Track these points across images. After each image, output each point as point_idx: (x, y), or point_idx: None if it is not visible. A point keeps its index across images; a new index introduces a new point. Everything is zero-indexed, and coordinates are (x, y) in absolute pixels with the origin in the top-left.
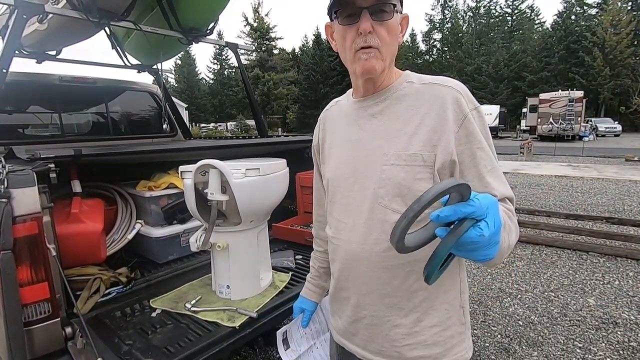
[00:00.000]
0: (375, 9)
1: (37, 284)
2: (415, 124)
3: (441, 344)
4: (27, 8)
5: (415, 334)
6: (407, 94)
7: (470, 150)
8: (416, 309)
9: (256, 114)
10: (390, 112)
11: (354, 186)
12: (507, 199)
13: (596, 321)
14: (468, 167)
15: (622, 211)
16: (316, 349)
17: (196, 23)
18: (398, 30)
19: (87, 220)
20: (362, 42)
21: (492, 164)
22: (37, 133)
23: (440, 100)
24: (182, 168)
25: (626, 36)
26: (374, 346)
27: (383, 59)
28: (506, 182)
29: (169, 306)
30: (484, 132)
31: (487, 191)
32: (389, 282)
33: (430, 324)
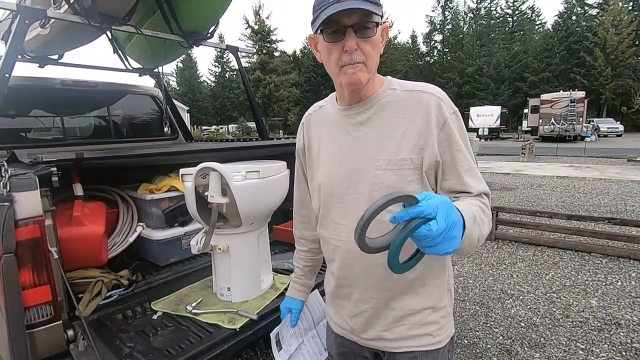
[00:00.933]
0: (359, 27)
1: (39, 287)
2: (402, 130)
3: (434, 324)
4: (29, 13)
5: (410, 316)
6: (391, 101)
7: (450, 152)
8: (412, 294)
9: (256, 117)
10: (377, 119)
11: (349, 190)
12: (483, 194)
13: (598, 322)
14: (448, 167)
15: (624, 212)
16: (304, 346)
17: (197, 27)
18: (380, 43)
19: (89, 223)
20: (348, 59)
21: (469, 163)
22: (39, 137)
23: (424, 106)
24: (182, 171)
25: (627, 36)
26: (372, 333)
27: (368, 71)
28: (482, 179)
29: (170, 308)
30: (461, 135)
31: (464, 189)
32: (387, 277)
33: (424, 306)
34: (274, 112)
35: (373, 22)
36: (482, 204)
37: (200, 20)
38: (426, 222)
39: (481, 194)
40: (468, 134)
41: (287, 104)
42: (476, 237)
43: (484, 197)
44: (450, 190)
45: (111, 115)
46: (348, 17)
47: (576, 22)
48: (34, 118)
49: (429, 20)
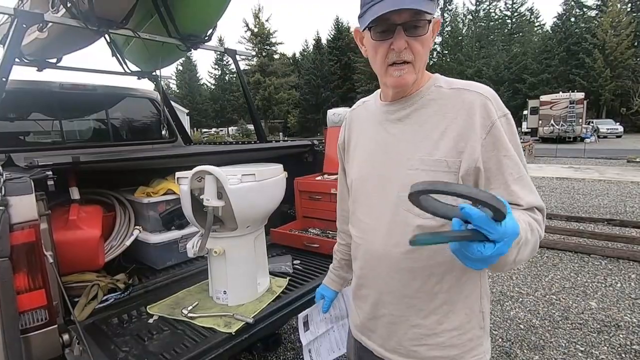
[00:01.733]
0: (409, 25)
1: (35, 291)
2: (442, 129)
3: (459, 347)
4: (26, 17)
5: (434, 335)
6: (434, 99)
7: (497, 157)
8: (436, 311)
9: (255, 119)
10: (416, 116)
11: (378, 188)
12: (537, 208)
13: (598, 324)
14: (494, 175)
15: (623, 213)
16: (333, 332)
17: (194, 30)
18: (431, 39)
19: (85, 227)
20: (395, 58)
21: (520, 172)
22: (38, 140)
23: (468, 106)
24: (178, 174)
25: (626, 37)
26: (391, 344)
27: (416, 71)
28: (535, 191)
29: (165, 312)
30: (512, 140)
31: (512, 200)
32: (409, 284)
33: (450, 327)
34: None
35: (425, 20)
36: (535, 219)
37: (198, 23)
38: (483, 241)
39: (533, 208)
40: None
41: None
42: (512, 259)
43: (537, 213)
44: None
45: (110, 119)
46: (399, 14)
47: (575, 23)
48: (33, 121)
49: None
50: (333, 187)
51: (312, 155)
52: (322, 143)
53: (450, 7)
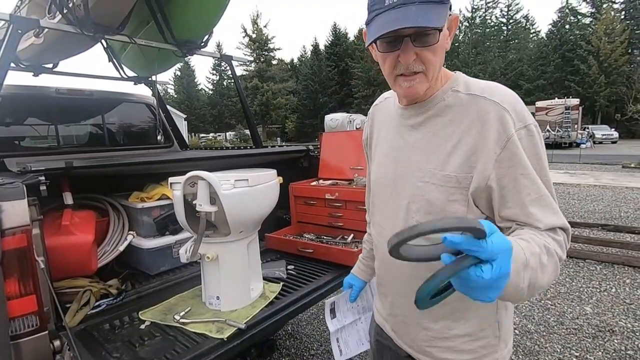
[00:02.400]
0: (418, 35)
1: (25, 296)
2: (454, 142)
3: (471, 352)
4: (21, 23)
5: (444, 339)
6: (450, 105)
7: (513, 175)
8: (447, 317)
9: (251, 125)
10: (430, 124)
11: (392, 195)
12: (560, 229)
13: (593, 329)
14: (510, 194)
15: (618, 218)
16: (360, 324)
17: (190, 36)
18: (446, 41)
19: (78, 232)
20: (403, 70)
21: (539, 192)
22: (33, 145)
23: (483, 117)
24: (171, 179)
25: (620, 44)
26: (406, 339)
27: (429, 80)
28: (558, 211)
29: (158, 318)
30: (532, 155)
31: (529, 222)
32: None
33: (460, 332)
34: (272, 119)
35: (436, 28)
36: (554, 241)
37: (194, 29)
38: (478, 264)
39: (555, 228)
40: None
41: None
42: (525, 285)
43: (558, 233)
44: (512, 220)
45: (106, 124)
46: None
47: (570, 30)
48: (28, 126)
49: None
50: (328, 192)
51: (308, 161)
52: (317, 148)
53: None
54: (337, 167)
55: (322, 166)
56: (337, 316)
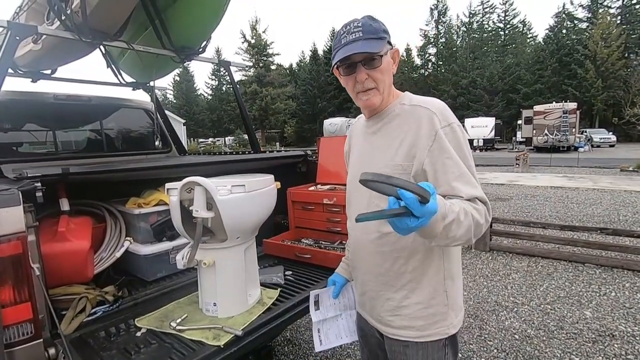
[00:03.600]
0: (367, 61)
1: (20, 304)
2: (400, 139)
3: (424, 319)
4: (19, 30)
5: (403, 307)
6: (398, 114)
7: (441, 160)
8: (404, 287)
9: (249, 130)
10: (384, 130)
11: (358, 189)
12: (478, 199)
13: (593, 334)
14: (440, 174)
15: (617, 221)
16: (341, 320)
17: (188, 42)
18: (390, 66)
19: (74, 239)
20: (360, 88)
21: (460, 170)
22: (31, 151)
23: (418, 120)
24: (168, 185)
25: (617, 49)
26: (374, 315)
27: (381, 93)
28: (476, 185)
29: (154, 325)
30: (455, 144)
31: (454, 193)
32: (381, 264)
33: (415, 301)
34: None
35: (379, 55)
36: (472, 208)
37: (192, 35)
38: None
39: (474, 199)
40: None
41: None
42: (438, 231)
43: (478, 203)
44: (443, 195)
45: (104, 129)
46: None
47: (566, 35)
48: (26, 132)
49: (423, 34)
50: (326, 197)
51: (306, 166)
52: (315, 153)
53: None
54: (335, 171)
55: (320, 171)
56: (321, 309)
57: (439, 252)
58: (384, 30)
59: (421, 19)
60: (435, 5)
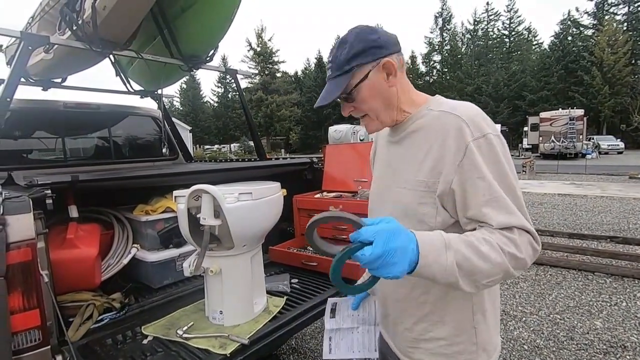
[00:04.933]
0: (345, 97)
1: (29, 311)
2: (425, 152)
3: (447, 356)
4: (32, 40)
5: (423, 341)
6: (423, 122)
7: (471, 179)
8: (425, 319)
9: (255, 137)
10: (409, 139)
11: (380, 203)
12: (517, 228)
13: (604, 345)
14: (469, 196)
15: (627, 230)
16: (357, 333)
17: (196, 51)
18: (380, 84)
19: (82, 246)
20: (355, 115)
21: (492, 193)
22: (40, 158)
23: (446, 129)
24: (176, 193)
25: (623, 55)
26: (396, 341)
27: (376, 117)
28: (514, 212)
29: (160, 333)
30: (489, 160)
31: (484, 220)
32: (398, 290)
33: (437, 336)
34: (276, 131)
35: (354, 89)
36: (504, 237)
37: (200, 44)
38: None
39: (511, 227)
40: None
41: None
42: (450, 262)
43: (514, 232)
44: (474, 221)
45: (112, 137)
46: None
47: (572, 42)
48: (36, 140)
49: (428, 41)
50: (332, 204)
51: (311, 173)
52: (321, 161)
53: (449, 27)
54: (340, 179)
55: (326, 178)
56: (336, 318)
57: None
58: (354, 54)
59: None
60: (439, 13)
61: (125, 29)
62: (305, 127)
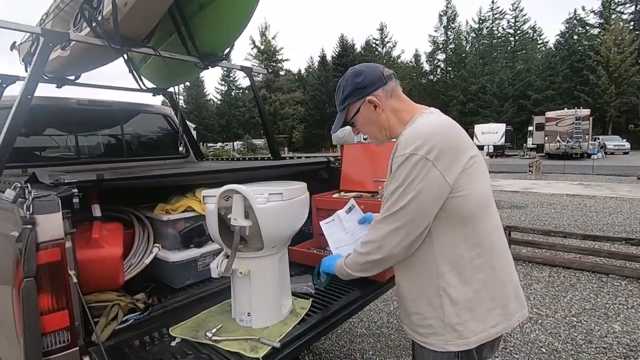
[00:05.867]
0: (350, 124)
1: (58, 311)
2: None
3: (422, 328)
4: (53, 36)
5: (409, 314)
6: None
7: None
8: (404, 298)
9: (269, 136)
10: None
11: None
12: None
13: (623, 349)
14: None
15: (639, 231)
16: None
17: (213, 48)
18: (371, 114)
19: (107, 246)
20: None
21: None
22: (53, 155)
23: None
24: (204, 193)
25: (630, 55)
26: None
27: (375, 137)
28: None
29: (188, 335)
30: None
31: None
32: (396, 275)
33: (415, 311)
34: (279, 129)
35: (351, 120)
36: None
37: (217, 42)
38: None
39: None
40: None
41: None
42: (345, 272)
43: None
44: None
45: (124, 134)
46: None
47: (578, 41)
48: (48, 137)
49: (432, 40)
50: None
51: (328, 172)
52: (337, 160)
53: (454, 25)
54: (358, 179)
55: (344, 178)
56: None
57: (433, 269)
58: (346, 96)
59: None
60: (444, 11)
61: (145, 25)
62: (308, 125)
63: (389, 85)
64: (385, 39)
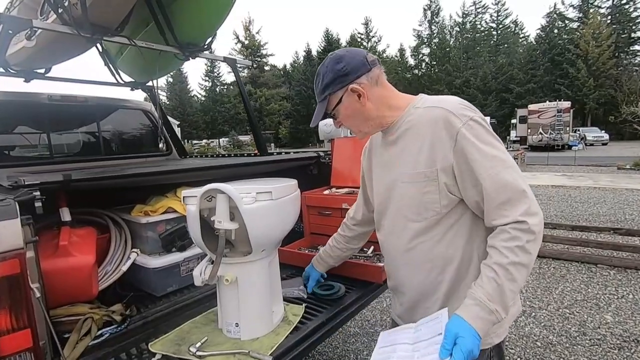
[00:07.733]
0: (331, 116)
1: (18, 331)
2: (419, 145)
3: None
4: (12, 23)
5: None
6: (412, 119)
7: (466, 162)
8: (442, 297)
9: (255, 130)
10: (403, 137)
11: (388, 200)
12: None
13: (617, 339)
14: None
15: (623, 220)
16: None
17: (193, 38)
18: (354, 104)
19: (77, 253)
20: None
21: (488, 171)
22: (24, 155)
23: (434, 121)
24: (184, 193)
25: (607, 48)
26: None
27: (359, 130)
28: (511, 187)
29: (170, 350)
30: (480, 141)
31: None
32: (414, 276)
33: (453, 308)
34: (265, 125)
35: (333, 111)
36: (514, 233)
37: (198, 31)
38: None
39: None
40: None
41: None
42: (500, 314)
43: (519, 224)
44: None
45: (101, 131)
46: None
47: (558, 35)
48: (18, 135)
49: (417, 34)
50: (344, 202)
51: (317, 168)
52: (328, 155)
53: (438, 20)
54: (350, 174)
55: (335, 174)
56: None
57: (476, 258)
58: (326, 85)
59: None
60: (428, 6)
61: (117, 12)
62: (294, 121)
63: (373, 72)
64: (370, 34)
